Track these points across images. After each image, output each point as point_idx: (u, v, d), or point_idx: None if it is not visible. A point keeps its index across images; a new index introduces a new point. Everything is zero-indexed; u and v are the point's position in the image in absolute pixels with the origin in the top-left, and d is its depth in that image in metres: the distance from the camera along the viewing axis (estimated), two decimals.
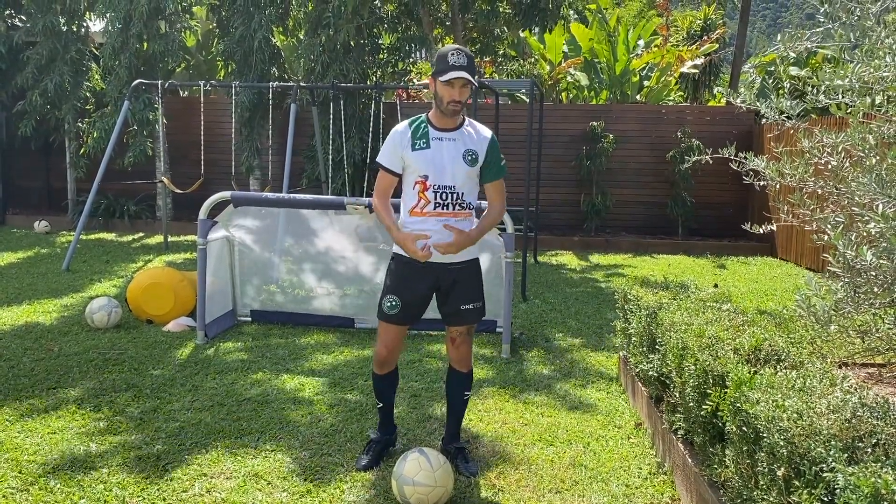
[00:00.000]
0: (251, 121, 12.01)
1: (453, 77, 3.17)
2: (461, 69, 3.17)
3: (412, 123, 3.37)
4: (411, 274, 3.38)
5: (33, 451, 3.61)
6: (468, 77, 3.18)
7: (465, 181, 3.33)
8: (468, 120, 3.42)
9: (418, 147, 3.31)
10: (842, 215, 3.01)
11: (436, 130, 3.33)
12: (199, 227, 5.55)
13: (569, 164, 12.19)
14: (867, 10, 2.69)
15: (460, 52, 3.20)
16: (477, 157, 3.34)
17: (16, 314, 6.36)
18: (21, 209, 13.37)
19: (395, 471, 3.17)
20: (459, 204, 3.33)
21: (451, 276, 3.39)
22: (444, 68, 3.18)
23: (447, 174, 3.29)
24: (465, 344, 3.52)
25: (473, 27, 12.64)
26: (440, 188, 3.29)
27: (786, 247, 10.52)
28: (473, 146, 3.34)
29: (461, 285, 3.42)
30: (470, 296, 3.44)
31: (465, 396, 3.61)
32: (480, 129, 3.42)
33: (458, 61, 3.17)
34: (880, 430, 2.13)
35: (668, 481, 3.42)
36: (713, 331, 3.26)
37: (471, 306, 3.44)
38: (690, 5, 21.91)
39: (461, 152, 3.31)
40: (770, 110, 3.38)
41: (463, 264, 3.41)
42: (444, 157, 3.29)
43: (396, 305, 3.38)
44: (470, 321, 3.48)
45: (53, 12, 11.94)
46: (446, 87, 3.21)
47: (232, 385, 4.66)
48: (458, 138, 3.33)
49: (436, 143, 3.31)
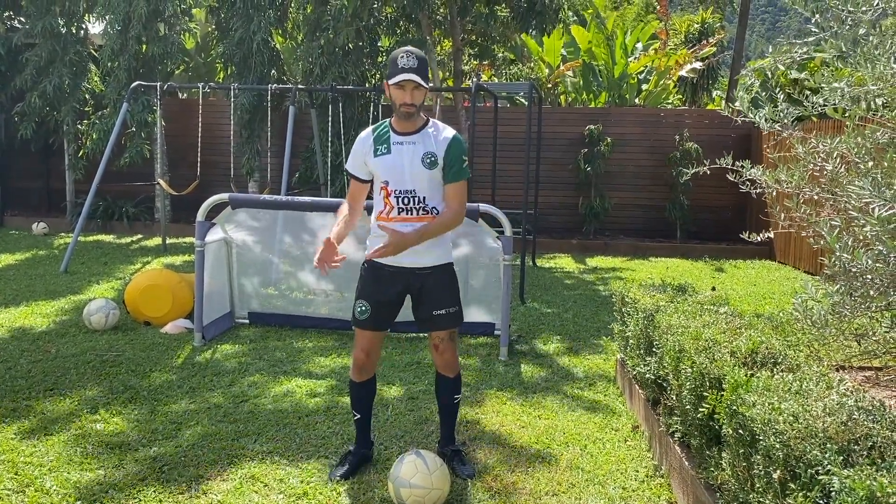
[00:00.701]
0: (250, 123, 12.02)
1: (402, 80, 3.15)
2: (410, 71, 3.14)
3: (375, 129, 3.37)
4: (379, 278, 3.37)
5: (29, 453, 3.60)
6: (417, 79, 3.15)
7: (427, 185, 3.28)
8: (433, 122, 3.37)
9: (380, 153, 3.30)
10: (838, 219, 3.02)
11: (397, 135, 3.31)
12: (197, 229, 5.55)
13: (567, 167, 12.20)
14: (859, 18, 2.69)
15: (410, 55, 3.17)
16: (436, 158, 3.27)
17: (13, 316, 6.36)
18: (20, 211, 13.38)
19: (391, 473, 3.16)
20: (423, 209, 3.28)
21: (419, 280, 3.35)
22: (393, 71, 3.17)
23: (406, 178, 3.26)
24: (448, 350, 3.47)
25: (472, 30, 12.66)
26: (401, 193, 3.27)
27: (784, 250, 10.54)
28: (432, 148, 3.28)
29: (432, 290, 3.37)
30: (442, 301, 3.38)
31: (455, 400, 3.59)
32: (443, 131, 3.35)
33: (408, 64, 3.15)
34: (876, 433, 2.13)
35: (664, 484, 3.42)
36: (710, 333, 3.26)
37: (443, 311, 3.38)
38: (689, 9, 21.94)
39: (420, 155, 3.27)
40: (764, 120, 3.39)
41: (431, 269, 3.36)
42: (404, 162, 3.26)
43: (366, 310, 3.38)
44: (443, 327, 3.41)
45: (52, 14, 11.95)
46: (397, 90, 3.19)
47: (229, 387, 4.65)
48: (417, 141, 3.29)
49: (396, 147, 3.29)
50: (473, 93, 8.34)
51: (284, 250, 6.23)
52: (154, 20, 11.71)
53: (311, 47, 11.37)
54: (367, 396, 3.57)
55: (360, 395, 3.54)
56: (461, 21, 12.06)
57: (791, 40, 3.11)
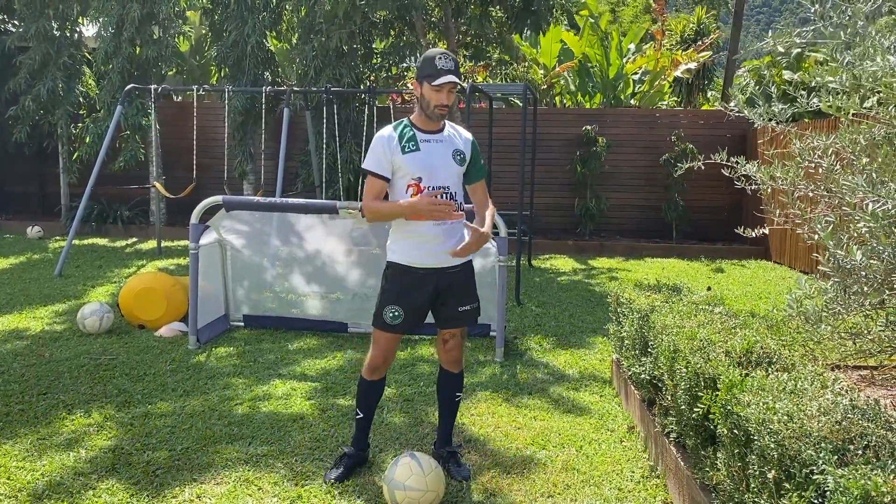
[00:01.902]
0: (244, 125, 12.00)
1: (445, 81, 3.16)
2: (451, 73, 3.17)
3: (396, 128, 3.36)
4: (411, 282, 3.34)
5: (22, 458, 3.58)
6: (458, 81, 3.20)
7: (456, 181, 3.36)
8: (447, 122, 3.42)
9: (409, 150, 3.29)
10: (832, 216, 3.01)
11: (422, 133, 3.32)
12: (191, 232, 5.53)
13: (563, 168, 12.20)
14: (858, 10, 2.69)
15: (447, 56, 3.21)
16: (465, 156, 3.36)
17: (7, 320, 6.33)
18: (14, 214, 13.33)
19: (385, 475, 3.15)
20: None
21: (449, 279, 3.38)
22: (433, 72, 3.17)
23: (440, 174, 3.29)
24: (457, 347, 3.51)
25: (467, 31, 12.65)
26: (434, 189, 3.29)
27: (779, 250, 10.54)
28: (459, 146, 3.36)
29: (458, 288, 3.41)
30: (467, 297, 3.45)
31: (456, 398, 3.59)
32: (461, 131, 3.45)
33: (447, 65, 3.17)
34: (871, 433, 2.12)
35: (660, 485, 3.41)
36: (705, 333, 3.26)
37: (468, 307, 3.45)
38: (685, 9, 21.97)
39: (450, 152, 3.32)
40: (759, 117, 3.38)
41: (460, 267, 3.41)
42: (436, 159, 3.29)
43: (400, 315, 3.33)
44: (466, 322, 3.49)
45: (46, 17, 11.92)
46: (435, 91, 3.21)
47: (223, 390, 4.63)
48: (444, 140, 3.34)
49: (425, 145, 3.30)
50: (468, 94, 8.33)
51: (278, 252, 6.21)
52: (148, 23, 11.69)
53: (305, 49, 11.36)
54: (376, 396, 3.55)
55: (370, 393, 3.51)
56: (455, 23, 12.05)
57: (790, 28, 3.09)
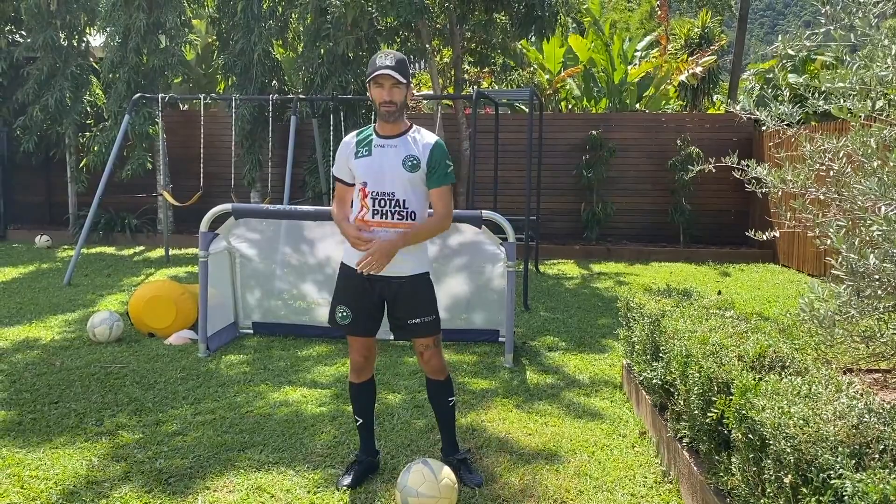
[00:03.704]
0: (252, 133, 12.03)
1: (377, 75, 3.18)
2: (387, 68, 3.18)
3: (359, 133, 3.41)
4: (356, 284, 3.34)
5: (35, 467, 3.59)
6: (394, 74, 3.17)
7: (407, 188, 3.28)
8: (416, 127, 3.39)
9: (360, 155, 3.32)
10: (844, 219, 3.00)
11: (379, 138, 3.33)
12: (201, 240, 5.54)
13: (569, 173, 12.19)
14: (868, 12, 2.68)
15: (388, 54, 3.23)
16: (418, 162, 3.28)
17: (18, 329, 6.35)
18: (22, 224, 13.39)
19: (398, 482, 3.15)
20: (400, 212, 3.27)
21: (394, 290, 3.33)
22: (371, 70, 3.22)
23: (385, 180, 3.27)
24: (434, 357, 3.44)
25: (472, 38, 12.68)
26: (378, 195, 3.27)
27: (788, 253, 10.51)
28: (414, 152, 3.30)
29: (406, 299, 3.34)
30: (417, 310, 3.34)
31: (450, 403, 3.56)
32: (425, 136, 3.38)
33: (385, 62, 3.20)
34: (887, 436, 2.11)
35: (673, 490, 3.40)
36: (717, 338, 3.25)
37: (418, 321, 3.34)
38: (688, 13, 21.96)
39: (401, 158, 3.27)
40: (769, 118, 3.38)
41: (406, 279, 3.33)
42: (384, 164, 3.28)
43: (348, 316, 3.36)
44: (419, 335, 3.39)
45: (53, 28, 11.99)
46: (376, 88, 3.22)
47: (234, 398, 4.64)
48: (399, 145, 3.30)
49: (378, 150, 3.30)
50: (475, 100, 8.34)
51: (287, 260, 6.23)
52: (154, 32, 11.74)
53: (311, 57, 11.39)
54: (368, 399, 3.55)
55: (359, 396, 3.52)
56: (460, 29, 12.08)
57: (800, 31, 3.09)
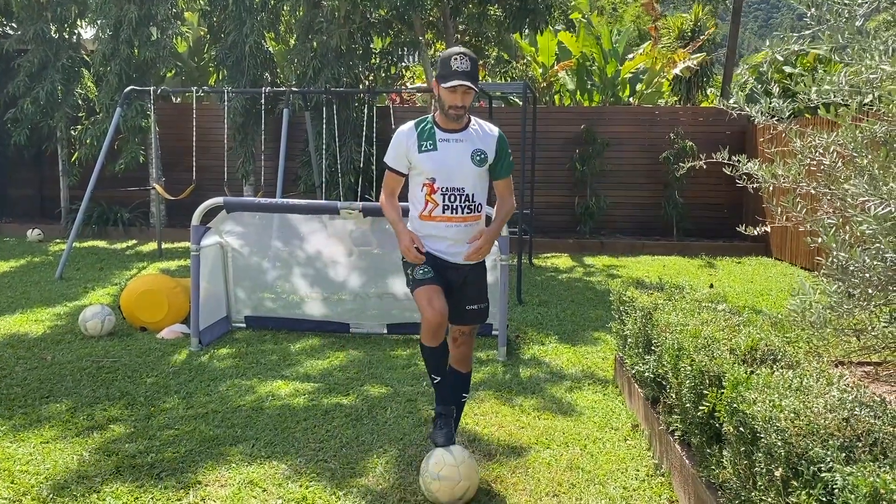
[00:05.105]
0: (244, 126, 11.99)
1: (456, 85, 3.15)
2: (464, 75, 3.15)
3: (418, 125, 3.36)
4: (432, 265, 3.36)
5: (26, 462, 3.57)
6: (471, 85, 3.16)
7: (475, 182, 3.31)
8: (474, 119, 3.39)
9: (425, 149, 3.28)
10: (835, 217, 3.00)
11: (442, 132, 3.31)
12: (193, 234, 5.52)
13: (563, 167, 12.19)
14: (855, 13, 2.68)
15: (464, 58, 3.17)
16: (486, 156, 3.31)
17: (8, 323, 6.32)
18: (14, 218, 13.32)
19: (421, 468, 3.20)
20: (468, 207, 3.30)
21: (462, 275, 3.40)
22: (446, 73, 3.17)
23: (456, 176, 3.27)
24: (466, 344, 3.49)
25: (465, 30, 12.65)
26: (448, 190, 3.27)
27: (780, 247, 10.54)
28: (481, 145, 3.31)
29: (469, 286, 3.43)
30: (475, 296, 3.46)
31: (462, 399, 3.59)
32: (487, 128, 3.39)
33: (462, 66, 3.15)
34: (878, 429, 2.12)
35: (665, 483, 3.41)
36: (709, 331, 3.25)
37: (475, 307, 3.45)
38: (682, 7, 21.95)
39: (469, 153, 3.28)
40: (760, 114, 3.38)
41: (474, 265, 3.43)
42: (452, 159, 3.27)
43: (430, 272, 3.30)
44: (472, 321, 3.48)
45: (44, 20, 11.91)
46: (449, 92, 3.20)
47: (226, 392, 4.63)
48: (465, 139, 3.30)
49: (443, 144, 3.28)
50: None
51: (279, 254, 6.21)
52: (146, 25, 11.67)
53: (303, 50, 11.34)
54: (443, 357, 3.43)
55: (435, 358, 3.40)
56: (454, 21, 12.04)
57: (787, 33, 3.09)
